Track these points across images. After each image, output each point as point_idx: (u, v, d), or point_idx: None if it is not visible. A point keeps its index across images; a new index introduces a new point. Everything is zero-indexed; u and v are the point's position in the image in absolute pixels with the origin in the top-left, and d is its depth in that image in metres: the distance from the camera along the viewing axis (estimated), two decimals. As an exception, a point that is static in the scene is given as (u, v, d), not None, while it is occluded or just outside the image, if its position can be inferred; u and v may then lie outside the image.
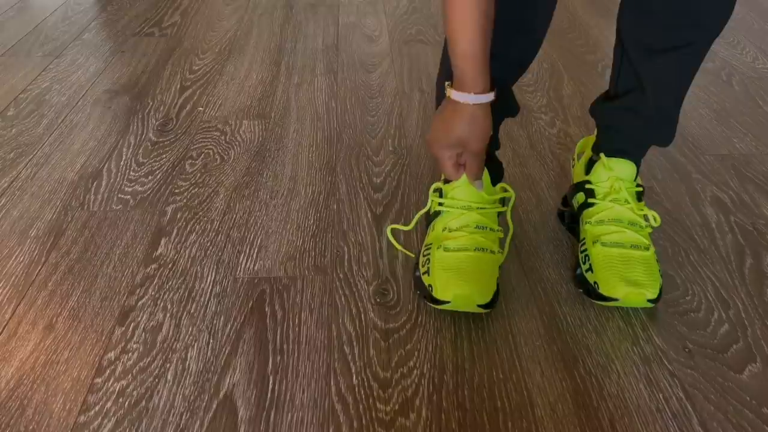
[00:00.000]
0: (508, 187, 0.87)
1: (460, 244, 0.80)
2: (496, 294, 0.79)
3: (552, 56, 1.49)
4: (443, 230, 0.82)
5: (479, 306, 0.77)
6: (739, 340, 0.77)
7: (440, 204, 0.84)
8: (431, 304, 0.79)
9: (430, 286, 0.78)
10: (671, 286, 0.84)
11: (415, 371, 0.73)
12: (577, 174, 0.93)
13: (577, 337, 0.77)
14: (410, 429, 0.67)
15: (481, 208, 0.83)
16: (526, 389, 0.71)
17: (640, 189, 0.86)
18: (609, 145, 0.87)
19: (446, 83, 0.75)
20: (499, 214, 0.87)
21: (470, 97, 0.72)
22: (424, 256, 0.83)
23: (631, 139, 0.86)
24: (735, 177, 1.06)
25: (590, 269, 0.81)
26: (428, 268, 0.80)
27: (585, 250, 0.83)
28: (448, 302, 0.76)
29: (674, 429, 0.67)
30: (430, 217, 0.87)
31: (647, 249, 0.81)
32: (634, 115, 0.84)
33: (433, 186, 0.87)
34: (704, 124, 1.21)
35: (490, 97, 0.74)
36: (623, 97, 0.84)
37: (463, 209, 0.83)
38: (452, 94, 0.74)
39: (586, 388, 0.71)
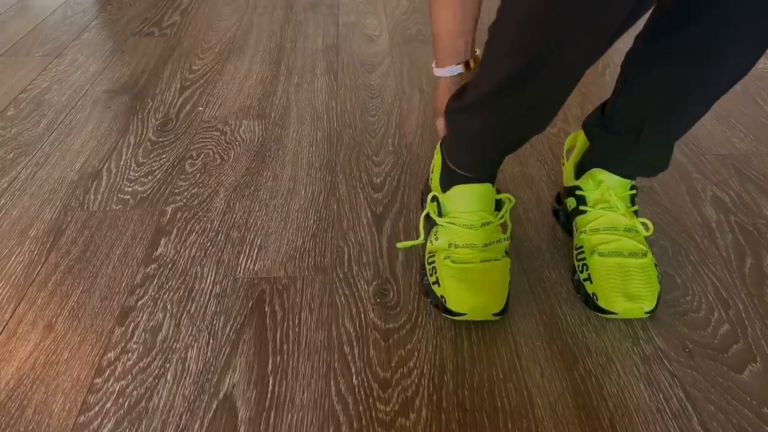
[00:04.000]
0: (511, 197, 0.86)
1: (467, 258, 0.80)
2: (508, 298, 0.79)
3: (552, 56, 1.48)
4: (449, 246, 0.82)
5: (494, 314, 0.77)
6: (740, 340, 0.77)
7: (440, 218, 0.84)
8: (446, 315, 0.79)
9: (442, 297, 0.78)
10: (671, 286, 0.84)
11: (415, 371, 0.73)
12: (568, 175, 0.93)
13: (577, 337, 0.77)
14: (410, 429, 0.67)
15: (485, 224, 0.83)
16: (526, 389, 0.71)
17: (634, 192, 0.86)
18: (600, 163, 0.86)
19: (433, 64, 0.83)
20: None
21: (450, 70, 0.81)
22: (429, 264, 0.82)
23: (622, 168, 0.84)
24: (735, 177, 1.06)
25: (589, 279, 0.80)
26: (437, 278, 0.80)
27: (583, 258, 0.83)
28: (464, 314, 0.76)
29: (674, 429, 0.67)
30: (431, 223, 0.86)
31: (645, 255, 0.81)
32: (628, 155, 0.82)
33: (429, 195, 0.87)
34: (704, 124, 1.20)
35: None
36: (617, 135, 0.81)
37: (466, 227, 0.82)
38: (436, 71, 0.82)
39: (586, 388, 0.71)
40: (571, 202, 0.88)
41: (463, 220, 0.83)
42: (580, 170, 0.89)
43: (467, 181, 0.83)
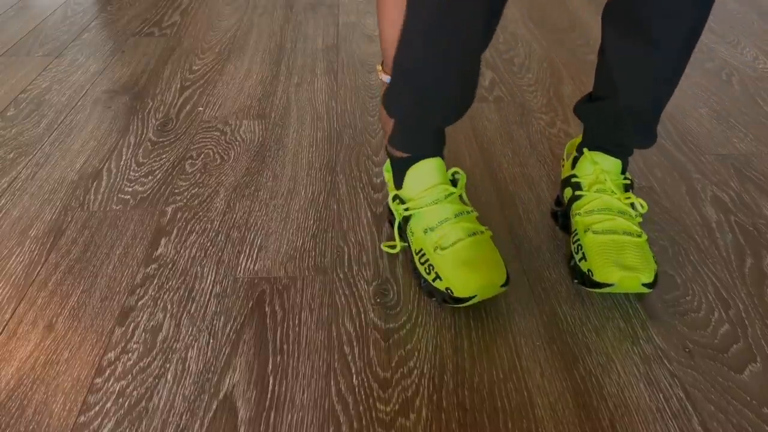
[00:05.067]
0: (460, 170, 0.88)
1: (454, 238, 0.80)
2: (506, 268, 0.80)
3: (552, 56, 1.49)
4: (425, 232, 0.82)
5: (501, 286, 0.78)
6: (740, 340, 0.77)
7: (406, 209, 0.85)
8: (455, 305, 0.79)
9: (448, 289, 0.78)
10: (671, 286, 0.84)
11: (415, 371, 0.73)
12: (565, 169, 0.94)
13: (577, 337, 0.77)
14: (410, 429, 0.67)
15: (448, 195, 0.83)
16: (526, 389, 0.71)
17: (628, 182, 0.87)
18: (592, 143, 0.89)
19: (378, 66, 0.86)
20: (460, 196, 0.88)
21: None
22: (422, 264, 0.82)
23: (610, 141, 0.87)
24: (735, 177, 1.06)
25: (583, 257, 0.81)
26: (436, 273, 0.79)
27: (577, 240, 0.84)
28: (474, 296, 0.77)
29: (674, 429, 0.67)
30: (402, 224, 0.87)
31: (639, 236, 0.81)
32: (611, 120, 0.85)
33: (390, 196, 0.87)
34: (704, 124, 1.21)
35: None
36: (600, 101, 0.85)
37: (433, 204, 0.83)
38: (383, 76, 0.84)
39: (586, 388, 0.71)
40: (567, 192, 0.89)
41: (427, 198, 0.83)
42: (576, 162, 0.90)
43: (417, 161, 0.85)
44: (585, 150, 0.88)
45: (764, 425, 0.67)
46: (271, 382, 0.72)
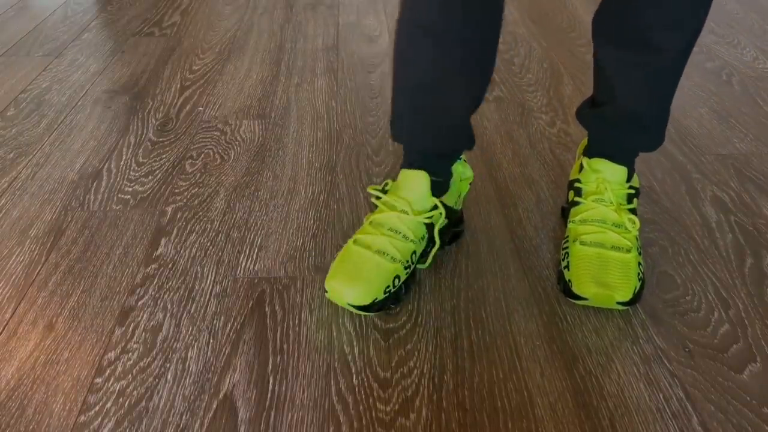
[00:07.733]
0: (439, 204, 0.83)
1: (367, 242, 0.80)
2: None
3: (552, 56, 1.49)
4: (368, 221, 0.84)
5: (358, 308, 0.77)
6: (740, 339, 0.77)
7: (377, 198, 0.85)
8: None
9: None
10: (671, 286, 0.84)
11: (415, 371, 0.73)
12: (574, 172, 0.94)
13: (577, 336, 0.77)
14: (410, 429, 0.67)
15: (402, 212, 0.82)
16: (526, 389, 0.71)
17: (632, 191, 0.86)
18: (596, 149, 0.88)
19: None
20: (431, 226, 0.84)
21: None
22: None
23: (615, 145, 0.86)
24: (735, 177, 1.06)
25: (567, 267, 0.81)
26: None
27: (566, 247, 0.84)
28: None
29: (674, 429, 0.67)
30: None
31: (628, 251, 0.81)
32: (613, 125, 0.84)
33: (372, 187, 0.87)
34: (704, 124, 1.21)
35: None
36: (601, 106, 0.85)
37: (383, 206, 0.83)
38: None
39: (586, 387, 0.71)
40: (570, 195, 0.89)
41: (389, 202, 0.83)
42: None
43: (408, 167, 0.84)
44: (584, 160, 0.87)
45: (764, 425, 0.67)
46: (271, 382, 0.72)
